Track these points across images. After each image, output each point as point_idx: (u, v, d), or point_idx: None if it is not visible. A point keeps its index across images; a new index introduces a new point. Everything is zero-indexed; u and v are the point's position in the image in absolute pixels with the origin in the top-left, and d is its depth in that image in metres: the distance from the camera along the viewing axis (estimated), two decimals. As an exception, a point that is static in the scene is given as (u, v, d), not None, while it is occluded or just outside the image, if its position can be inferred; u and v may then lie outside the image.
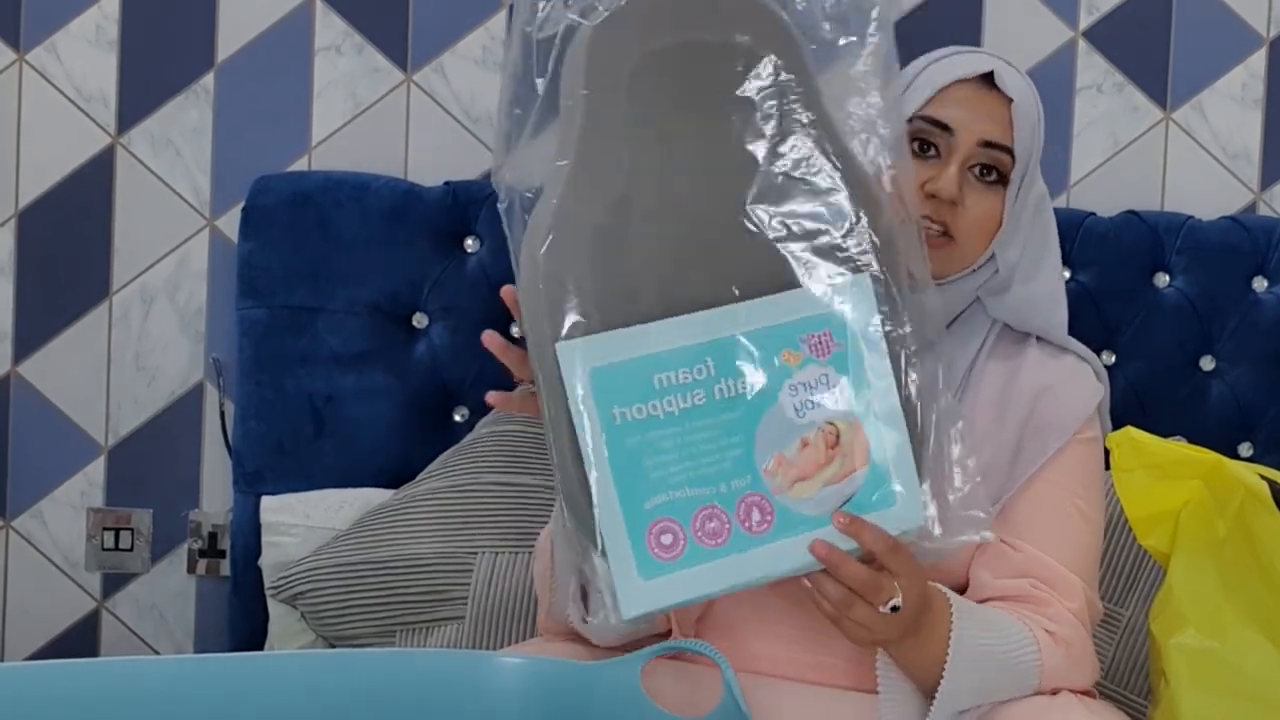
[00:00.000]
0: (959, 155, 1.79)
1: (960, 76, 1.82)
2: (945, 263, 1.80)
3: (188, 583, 2.42)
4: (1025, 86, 1.85)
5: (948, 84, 1.82)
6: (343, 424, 2.27)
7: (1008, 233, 1.82)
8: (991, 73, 1.81)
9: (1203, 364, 2.32)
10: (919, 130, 1.81)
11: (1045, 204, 1.90)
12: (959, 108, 1.81)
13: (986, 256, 1.83)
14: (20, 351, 2.37)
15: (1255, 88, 2.41)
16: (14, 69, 2.34)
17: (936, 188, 1.78)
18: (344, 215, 2.26)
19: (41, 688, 1.54)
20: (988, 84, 1.82)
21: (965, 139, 1.80)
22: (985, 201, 1.81)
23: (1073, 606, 1.76)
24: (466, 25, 2.37)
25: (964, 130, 1.80)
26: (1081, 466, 1.82)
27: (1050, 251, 1.91)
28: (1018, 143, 1.81)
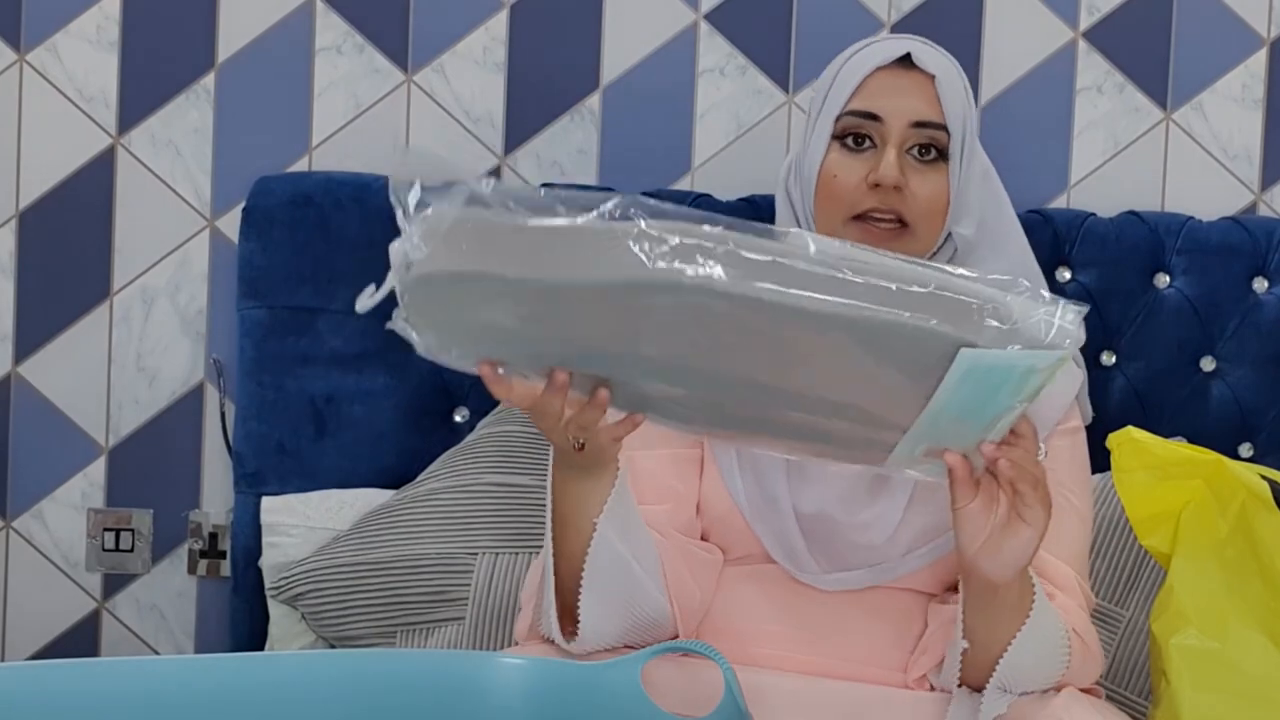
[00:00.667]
0: (894, 140, 1.80)
1: (879, 64, 1.83)
2: (907, 252, 1.81)
3: (188, 583, 2.42)
4: (945, 61, 1.85)
5: (868, 74, 1.83)
6: (343, 424, 2.27)
7: (958, 208, 1.83)
8: (909, 54, 1.82)
9: (1203, 364, 2.32)
10: (849, 126, 1.82)
11: (991, 176, 1.90)
12: (884, 95, 1.82)
13: (943, 237, 1.83)
14: (21, 352, 2.38)
15: (1256, 88, 2.41)
16: (14, 69, 2.34)
17: (879, 176, 1.78)
18: (345, 216, 2.26)
19: (41, 688, 1.54)
20: (907, 66, 1.83)
21: (896, 123, 1.80)
22: (930, 181, 1.81)
23: (1073, 601, 1.76)
24: (467, 26, 2.37)
25: (893, 115, 1.81)
26: (1066, 458, 1.82)
27: (1011, 227, 1.91)
28: (949, 117, 1.81)
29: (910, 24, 2.36)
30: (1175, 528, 1.78)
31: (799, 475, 1.82)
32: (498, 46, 2.37)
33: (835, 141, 1.83)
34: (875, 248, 1.48)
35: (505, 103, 2.37)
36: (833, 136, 1.83)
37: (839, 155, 1.82)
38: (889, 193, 1.79)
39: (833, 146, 1.83)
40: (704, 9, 2.37)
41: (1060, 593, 1.75)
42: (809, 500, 1.81)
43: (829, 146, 1.83)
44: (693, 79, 2.37)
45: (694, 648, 1.67)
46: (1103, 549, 2.15)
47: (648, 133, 2.37)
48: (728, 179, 2.32)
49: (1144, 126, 2.40)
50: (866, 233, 1.80)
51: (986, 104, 2.39)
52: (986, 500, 1.57)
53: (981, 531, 1.58)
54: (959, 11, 2.38)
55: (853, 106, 1.82)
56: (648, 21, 2.37)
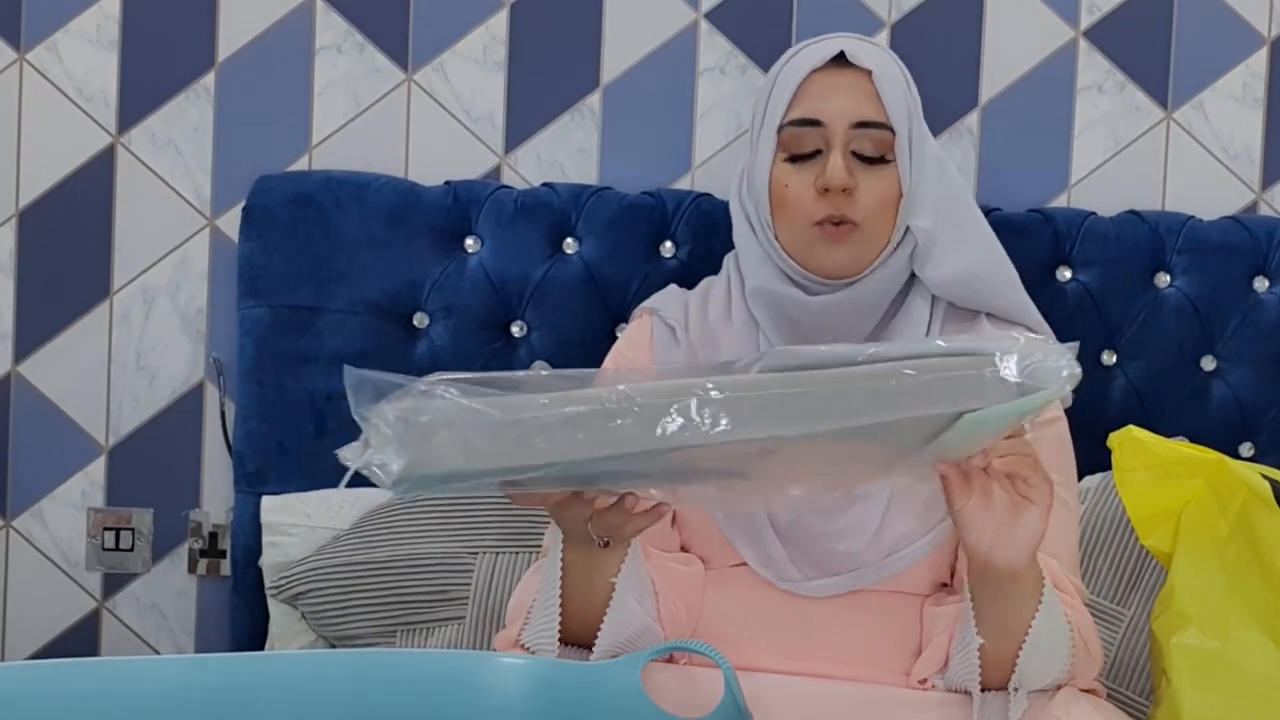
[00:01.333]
0: (838, 143, 1.80)
1: (814, 66, 1.83)
2: (861, 249, 1.81)
3: (188, 583, 2.42)
4: (880, 54, 1.85)
5: (803, 79, 1.82)
6: (344, 424, 2.24)
7: (913, 201, 1.83)
8: (843, 53, 1.82)
9: (1204, 364, 2.32)
10: (792, 136, 1.82)
11: (945, 165, 1.90)
12: (821, 98, 1.82)
13: (901, 232, 1.83)
14: (21, 351, 2.37)
15: (1256, 87, 2.40)
16: (14, 68, 2.34)
17: (825, 180, 1.79)
18: (345, 215, 2.26)
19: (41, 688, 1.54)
20: (843, 65, 1.82)
21: (838, 126, 1.80)
22: (879, 180, 1.81)
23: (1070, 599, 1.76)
24: (467, 25, 2.37)
25: (834, 118, 1.81)
26: (1049, 449, 1.82)
27: (969, 214, 1.91)
28: (891, 112, 1.81)
29: (910, 24, 2.36)
30: (1176, 527, 1.78)
31: None
32: (498, 46, 2.37)
33: (781, 152, 1.83)
34: (861, 345, 1.52)
35: (505, 102, 2.37)
36: (777, 148, 1.83)
37: (786, 165, 1.83)
38: (838, 196, 1.79)
39: (779, 157, 1.83)
40: (704, 8, 2.36)
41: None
42: (784, 509, 1.81)
43: (775, 158, 1.83)
44: (693, 78, 2.37)
45: (694, 648, 1.67)
46: (1103, 548, 2.15)
47: (648, 132, 2.37)
48: (728, 179, 2.32)
49: (1145, 126, 2.40)
50: (826, 234, 1.80)
51: (986, 104, 2.38)
52: (983, 496, 1.57)
53: (987, 527, 1.58)
54: (959, 11, 2.38)
55: (793, 115, 1.82)
56: (648, 21, 2.37)
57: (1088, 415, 2.22)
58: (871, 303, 1.83)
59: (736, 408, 1.45)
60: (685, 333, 1.91)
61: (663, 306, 1.95)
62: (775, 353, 1.50)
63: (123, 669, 1.59)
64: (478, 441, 1.46)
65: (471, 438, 1.45)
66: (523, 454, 1.46)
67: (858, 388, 1.46)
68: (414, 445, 1.45)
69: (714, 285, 1.96)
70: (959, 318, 1.88)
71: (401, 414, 1.46)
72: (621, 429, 1.45)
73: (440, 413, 1.45)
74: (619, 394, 1.46)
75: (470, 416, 1.45)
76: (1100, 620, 2.11)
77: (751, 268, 1.88)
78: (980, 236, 1.91)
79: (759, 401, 1.46)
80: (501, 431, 1.45)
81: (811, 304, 1.83)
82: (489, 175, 2.37)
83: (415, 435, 1.45)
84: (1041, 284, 2.27)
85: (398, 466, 1.46)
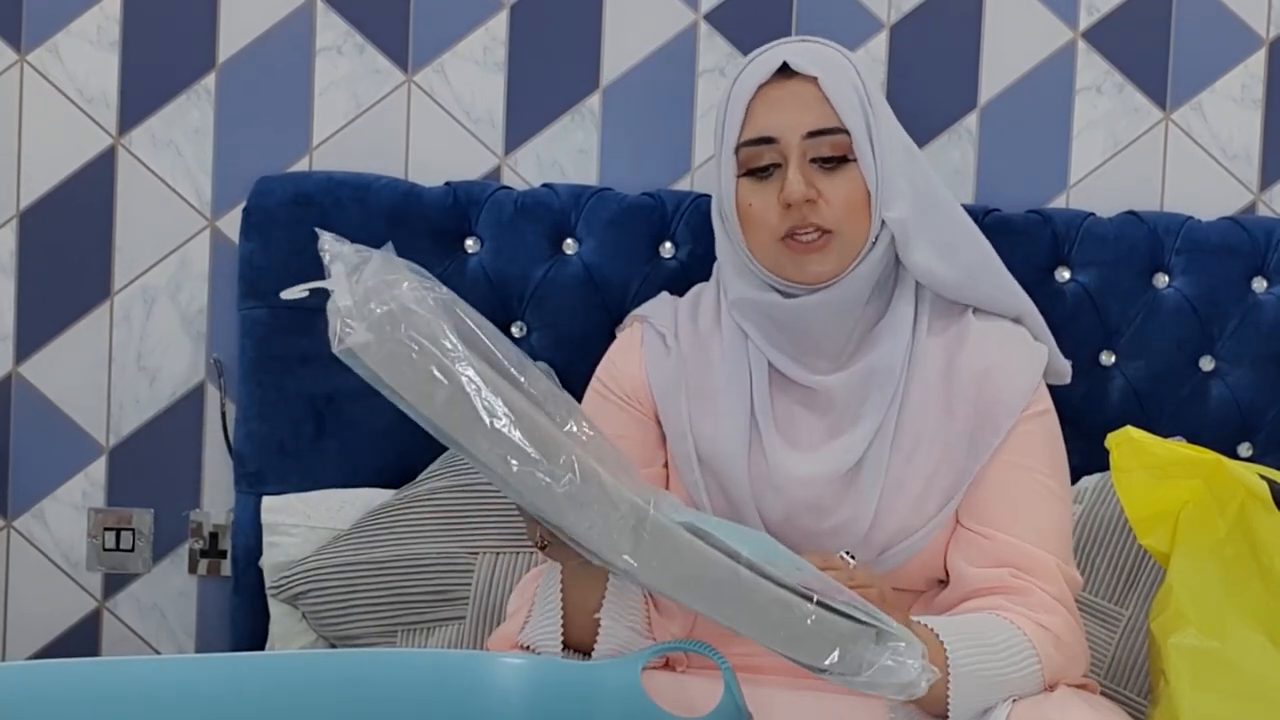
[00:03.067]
0: (794, 157, 1.80)
1: (760, 82, 1.83)
2: (838, 255, 1.82)
3: (189, 583, 2.42)
4: (825, 57, 1.84)
5: (751, 96, 1.83)
6: (344, 424, 2.28)
7: (884, 195, 1.83)
8: (786, 63, 1.82)
9: (1202, 364, 2.32)
10: (749, 157, 1.83)
11: (914, 154, 1.90)
12: (771, 113, 1.82)
13: (878, 228, 1.83)
14: (22, 351, 2.38)
15: (1255, 88, 2.41)
16: (15, 69, 2.35)
17: (785, 196, 1.79)
18: (345, 215, 2.26)
19: (41, 688, 1.54)
20: (788, 75, 1.82)
21: (791, 139, 1.81)
22: (843, 183, 1.81)
23: (1052, 590, 1.76)
24: (467, 26, 2.37)
25: (785, 133, 1.81)
26: (1038, 441, 1.82)
27: (943, 200, 1.90)
28: (843, 115, 1.81)
29: (910, 24, 2.36)
30: (1174, 527, 1.78)
31: (764, 484, 1.83)
32: (498, 46, 2.37)
33: (741, 172, 1.83)
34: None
35: (505, 103, 2.37)
36: (737, 169, 1.83)
37: (748, 185, 1.83)
38: (801, 208, 1.79)
39: (740, 180, 1.83)
40: (704, 9, 2.37)
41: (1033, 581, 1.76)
42: (776, 509, 1.82)
43: (736, 181, 1.84)
44: (693, 79, 2.37)
45: (694, 648, 1.67)
46: (1102, 548, 2.15)
47: (648, 133, 2.37)
48: (727, 179, 2.33)
49: (1143, 126, 2.41)
50: (795, 249, 1.81)
51: (986, 104, 2.39)
52: None
53: None
54: (959, 11, 2.38)
55: (746, 136, 1.83)
56: (648, 21, 2.37)
57: (1086, 415, 2.22)
58: (853, 302, 1.84)
59: (644, 551, 1.49)
60: (676, 340, 1.91)
61: (653, 314, 1.96)
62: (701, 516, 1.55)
63: (123, 669, 1.59)
64: (435, 395, 1.46)
65: (428, 388, 1.46)
66: (465, 439, 1.47)
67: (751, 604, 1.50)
68: (380, 350, 1.45)
69: (704, 292, 1.97)
70: (945, 315, 1.88)
71: (386, 310, 1.46)
72: (545, 491, 1.47)
73: (416, 343, 1.45)
74: (561, 465, 1.47)
75: (424, 374, 1.46)
76: (1098, 620, 2.11)
77: (731, 280, 1.89)
78: (956, 220, 1.91)
79: (662, 564, 1.49)
80: (451, 409, 1.46)
81: (793, 306, 1.83)
82: (489, 176, 2.37)
83: (387, 341, 1.45)
84: (1040, 285, 2.27)
85: (360, 341, 1.45)
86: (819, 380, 1.85)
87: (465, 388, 1.46)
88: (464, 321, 1.51)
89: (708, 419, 1.87)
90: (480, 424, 1.46)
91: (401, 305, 1.47)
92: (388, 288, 1.48)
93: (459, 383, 1.46)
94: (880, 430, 1.82)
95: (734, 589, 1.49)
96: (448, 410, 1.46)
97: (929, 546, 1.82)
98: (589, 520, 1.47)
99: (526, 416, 1.47)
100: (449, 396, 1.46)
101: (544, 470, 1.46)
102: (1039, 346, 1.89)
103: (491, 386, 1.47)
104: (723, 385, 1.87)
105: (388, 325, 1.46)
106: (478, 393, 1.46)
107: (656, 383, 1.89)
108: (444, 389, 1.46)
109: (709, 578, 1.49)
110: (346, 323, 1.46)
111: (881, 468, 1.81)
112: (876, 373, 1.84)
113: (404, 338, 1.46)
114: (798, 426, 1.86)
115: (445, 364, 1.46)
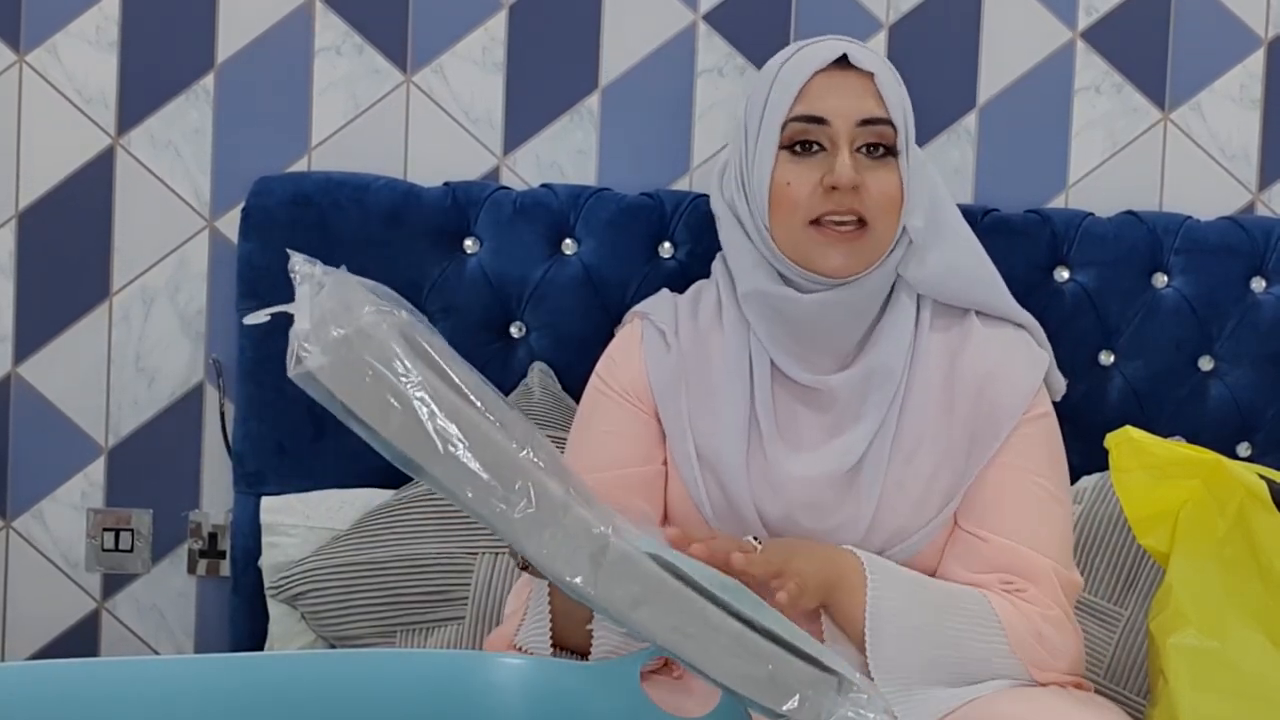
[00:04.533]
0: (844, 140, 1.81)
1: (817, 68, 1.84)
2: (868, 251, 1.82)
3: (188, 583, 2.42)
4: (879, 59, 1.87)
5: (807, 78, 1.83)
6: (343, 425, 2.26)
7: (911, 201, 1.84)
8: (845, 55, 1.83)
9: (1201, 364, 2.32)
10: (798, 132, 1.83)
11: (928, 168, 1.92)
12: (827, 96, 1.83)
13: (900, 232, 1.83)
14: (21, 352, 2.38)
15: (1254, 88, 2.41)
16: (14, 70, 2.35)
17: (835, 179, 1.79)
18: (344, 216, 2.27)
19: (41, 688, 1.54)
20: (844, 67, 1.83)
21: (844, 124, 1.81)
22: (884, 177, 1.82)
23: (1047, 594, 1.77)
24: (466, 26, 2.37)
25: (840, 117, 1.81)
26: (1037, 444, 1.83)
27: (952, 214, 1.92)
28: (893, 111, 1.83)
29: (909, 24, 2.37)
30: (1174, 527, 1.78)
31: (763, 482, 1.83)
32: (497, 47, 2.37)
33: (783, 150, 1.83)
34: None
35: (504, 103, 2.37)
36: (780, 145, 1.83)
37: (789, 163, 1.83)
38: (847, 194, 1.80)
39: (781, 155, 1.83)
40: (703, 9, 2.37)
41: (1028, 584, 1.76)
42: (774, 508, 1.82)
43: (776, 156, 1.83)
44: (691, 79, 2.38)
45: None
46: (1101, 548, 2.15)
47: (647, 133, 2.38)
48: (726, 179, 2.33)
49: (1142, 126, 2.41)
50: (825, 235, 1.80)
51: (984, 104, 2.39)
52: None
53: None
54: (958, 11, 2.38)
55: (797, 112, 1.83)
56: (646, 22, 2.37)
57: (1085, 415, 2.22)
58: (866, 303, 1.84)
59: (603, 579, 1.47)
60: (676, 337, 1.91)
61: (654, 311, 1.96)
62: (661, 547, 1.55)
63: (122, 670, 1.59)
64: (389, 420, 1.47)
65: (382, 413, 1.47)
66: (421, 464, 1.47)
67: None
68: (335, 374, 1.48)
69: (704, 289, 1.97)
70: (947, 315, 1.89)
71: (343, 334, 1.49)
72: (501, 517, 1.46)
73: (371, 368, 1.46)
74: (517, 491, 1.45)
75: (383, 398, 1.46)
76: (1098, 620, 2.11)
77: (744, 270, 1.88)
78: (962, 237, 1.92)
79: (623, 592, 1.47)
80: (405, 434, 1.47)
81: (805, 302, 1.83)
82: (488, 176, 2.37)
83: (341, 366, 1.47)
84: (1039, 284, 2.27)
85: (315, 365, 1.46)
86: (820, 379, 1.85)
87: (419, 413, 1.46)
88: (422, 345, 1.51)
89: (707, 416, 1.87)
90: (435, 450, 1.46)
91: (359, 330, 1.48)
92: (346, 310, 1.49)
93: (412, 408, 1.46)
94: (881, 430, 1.82)
95: (696, 623, 1.47)
96: (402, 435, 1.46)
97: (928, 548, 1.82)
98: (545, 547, 1.46)
99: (483, 442, 1.46)
100: (403, 422, 1.46)
101: (499, 497, 1.45)
102: (1040, 351, 1.89)
103: (447, 411, 1.46)
104: (723, 382, 1.87)
105: (344, 349, 1.47)
106: (431, 418, 1.46)
107: (656, 380, 1.89)
108: (398, 414, 1.46)
109: (670, 609, 1.47)
110: (304, 345, 1.47)
111: (881, 468, 1.81)
112: (877, 373, 1.84)
113: (359, 362, 1.47)
114: (798, 425, 1.86)
115: (400, 389, 1.46)
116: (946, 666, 1.72)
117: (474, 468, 1.45)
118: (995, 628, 1.73)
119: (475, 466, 1.45)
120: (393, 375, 1.46)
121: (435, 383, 1.47)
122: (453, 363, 1.51)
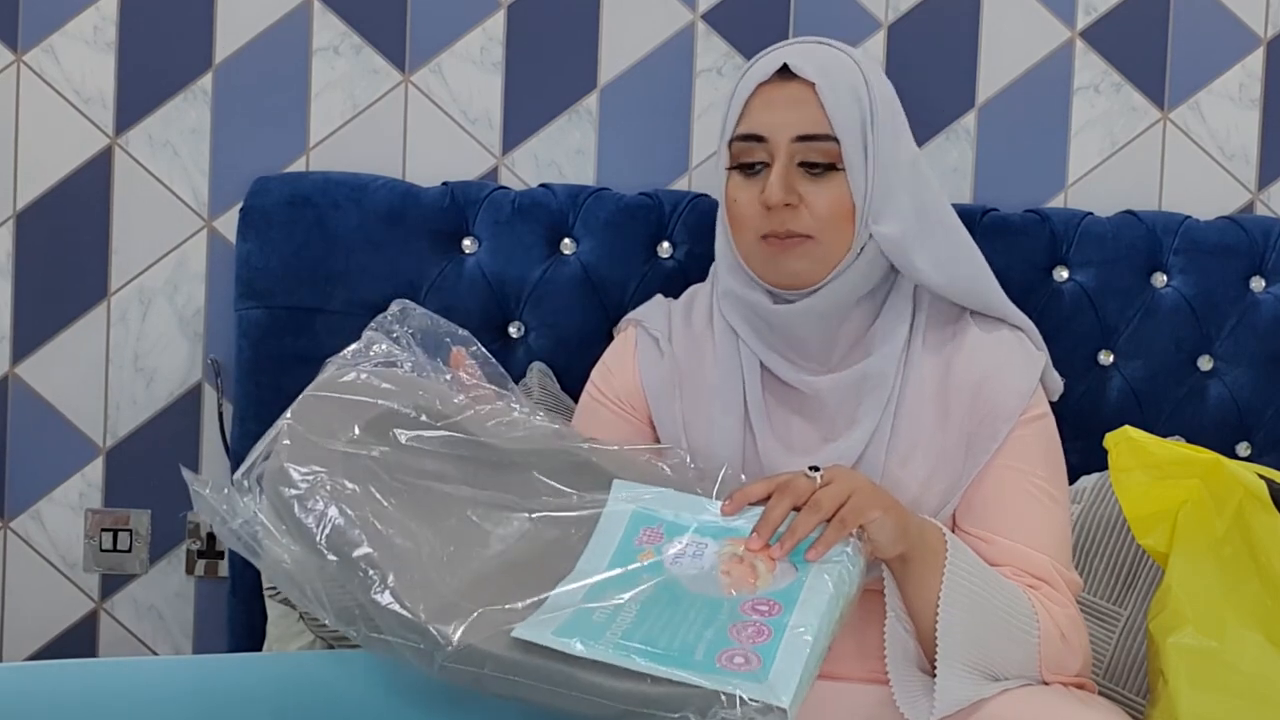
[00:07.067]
0: (780, 159, 1.80)
1: (759, 81, 1.83)
2: (815, 260, 1.81)
3: (186, 584, 2.42)
4: (830, 62, 1.83)
5: (751, 93, 1.83)
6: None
7: (875, 208, 1.81)
8: (786, 65, 1.81)
9: (1200, 364, 2.32)
10: (739, 152, 1.83)
11: (919, 168, 1.88)
12: (764, 112, 1.82)
13: (864, 239, 1.82)
14: (19, 352, 2.38)
15: (1253, 88, 2.41)
16: (12, 70, 2.34)
17: (764, 198, 1.79)
18: (342, 216, 2.26)
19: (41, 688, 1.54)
20: (788, 77, 1.82)
21: (779, 141, 1.80)
22: (826, 191, 1.81)
23: (1061, 593, 1.76)
24: (465, 26, 2.37)
25: (774, 134, 1.81)
26: (1035, 445, 1.82)
27: (946, 216, 1.89)
28: (836, 124, 1.80)
29: (908, 24, 2.37)
30: (1173, 527, 1.78)
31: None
32: (495, 46, 2.37)
33: (731, 167, 1.84)
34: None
35: (503, 103, 2.37)
36: (728, 165, 1.84)
37: (737, 180, 1.84)
38: (780, 211, 1.79)
39: (731, 173, 1.84)
40: (701, 9, 2.37)
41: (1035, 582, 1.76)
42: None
43: (729, 174, 1.84)
44: (690, 79, 2.38)
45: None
46: (1100, 548, 2.15)
47: (645, 133, 2.38)
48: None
49: (1141, 126, 2.41)
50: (772, 247, 1.81)
51: (983, 104, 2.39)
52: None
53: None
54: (957, 11, 2.38)
55: (739, 131, 1.83)
56: (645, 21, 2.37)
57: (1084, 415, 2.23)
58: (836, 310, 1.83)
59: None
60: (669, 343, 1.91)
61: (647, 318, 1.96)
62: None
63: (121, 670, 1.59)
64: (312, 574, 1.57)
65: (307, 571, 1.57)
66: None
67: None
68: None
69: (699, 294, 1.97)
70: (942, 318, 1.88)
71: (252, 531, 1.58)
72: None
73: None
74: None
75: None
76: (1097, 620, 2.11)
77: (723, 272, 1.90)
78: (957, 242, 1.90)
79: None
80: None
81: (780, 311, 1.83)
82: (486, 176, 2.37)
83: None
84: (1038, 284, 2.27)
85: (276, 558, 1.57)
86: (810, 381, 1.84)
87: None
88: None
89: (701, 420, 1.86)
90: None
91: (262, 524, 1.58)
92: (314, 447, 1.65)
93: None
94: (875, 435, 1.82)
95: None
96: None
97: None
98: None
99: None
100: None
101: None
102: (1036, 352, 1.89)
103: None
104: (716, 386, 1.87)
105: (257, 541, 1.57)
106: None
107: (650, 386, 1.89)
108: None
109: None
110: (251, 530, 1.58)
111: (877, 472, 1.81)
112: (869, 377, 1.83)
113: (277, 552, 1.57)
114: (792, 429, 1.85)
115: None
116: (990, 659, 1.71)
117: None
118: (1031, 618, 1.72)
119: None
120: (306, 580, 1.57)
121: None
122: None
